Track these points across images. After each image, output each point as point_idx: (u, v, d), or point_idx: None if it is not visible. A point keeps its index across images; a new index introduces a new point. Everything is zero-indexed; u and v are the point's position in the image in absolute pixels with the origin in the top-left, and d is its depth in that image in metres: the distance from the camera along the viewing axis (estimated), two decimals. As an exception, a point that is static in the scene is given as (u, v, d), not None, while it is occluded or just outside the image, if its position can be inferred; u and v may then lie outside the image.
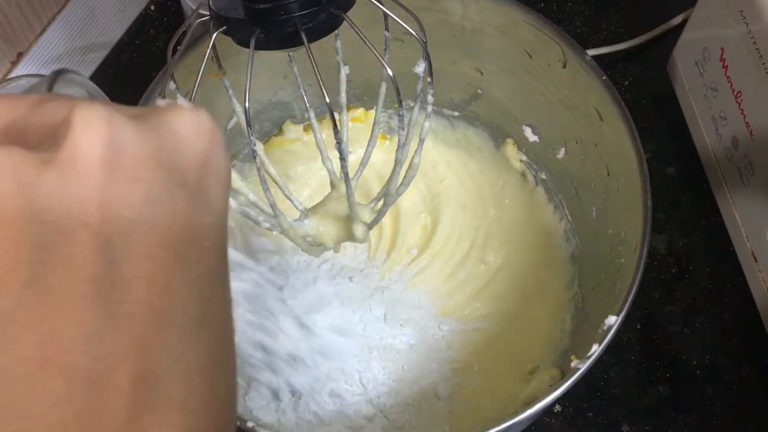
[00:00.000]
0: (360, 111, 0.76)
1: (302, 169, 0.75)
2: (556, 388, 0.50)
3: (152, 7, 0.88)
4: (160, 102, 0.47)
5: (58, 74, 0.43)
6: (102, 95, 0.46)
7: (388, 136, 0.77)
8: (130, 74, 0.83)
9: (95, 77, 0.83)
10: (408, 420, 0.63)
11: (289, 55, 0.60)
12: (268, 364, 0.64)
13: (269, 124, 0.76)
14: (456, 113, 0.76)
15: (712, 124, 0.72)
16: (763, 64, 0.61)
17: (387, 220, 0.73)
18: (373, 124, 0.60)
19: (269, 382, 0.63)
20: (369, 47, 0.48)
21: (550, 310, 0.69)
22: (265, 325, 0.65)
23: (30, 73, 0.78)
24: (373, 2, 0.50)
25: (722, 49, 0.68)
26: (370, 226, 0.59)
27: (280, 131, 0.76)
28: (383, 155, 0.75)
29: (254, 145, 0.50)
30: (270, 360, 0.64)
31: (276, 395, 0.63)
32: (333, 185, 0.58)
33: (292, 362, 0.62)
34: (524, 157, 0.74)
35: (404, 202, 0.73)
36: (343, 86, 0.60)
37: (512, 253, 0.71)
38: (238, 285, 0.67)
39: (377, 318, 0.66)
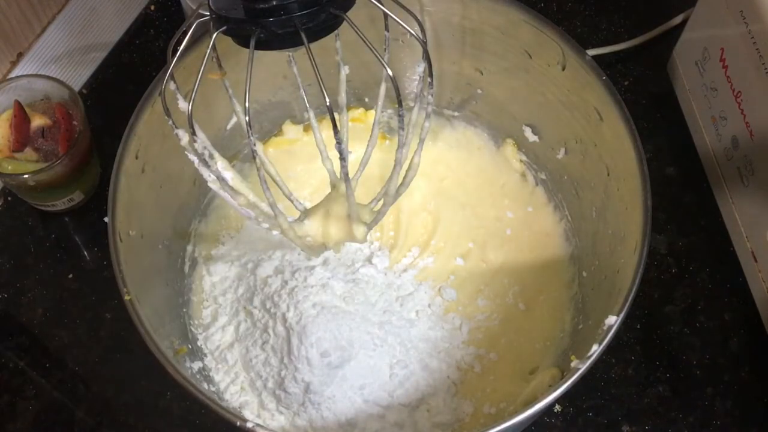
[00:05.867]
0: (360, 111, 0.76)
1: (302, 169, 0.75)
2: (556, 388, 0.50)
3: (152, 7, 0.88)
4: None
5: None
6: None
7: (388, 136, 0.78)
8: (130, 74, 0.84)
9: (95, 77, 0.83)
10: (408, 420, 0.63)
11: (289, 55, 0.60)
12: (278, 367, 0.64)
13: (269, 124, 0.76)
14: (456, 113, 0.76)
15: (712, 124, 0.72)
16: (763, 64, 0.61)
17: (388, 219, 0.73)
18: (373, 124, 0.60)
19: (277, 383, 0.63)
20: (369, 47, 0.48)
21: (550, 310, 0.69)
22: (269, 324, 0.65)
23: (30, 73, 0.78)
24: (373, 2, 0.50)
25: (722, 49, 0.68)
26: (370, 227, 0.59)
27: (280, 131, 0.76)
28: (383, 155, 0.75)
29: (254, 145, 0.50)
30: (279, 363, 0.64)
31: (281, 397, 0.63)
32: (333, 185, 0.58)
33: (297, 365, 0.62)
34: (524, 157, 0.74)
35: (405, 202, 0.73)
36: (343, 86, 0.60)
37: (512, 253, 0.71)
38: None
39: (379, 318, 0.66)
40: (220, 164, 0.56)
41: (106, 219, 0.57)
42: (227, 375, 0.65)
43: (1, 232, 0.76)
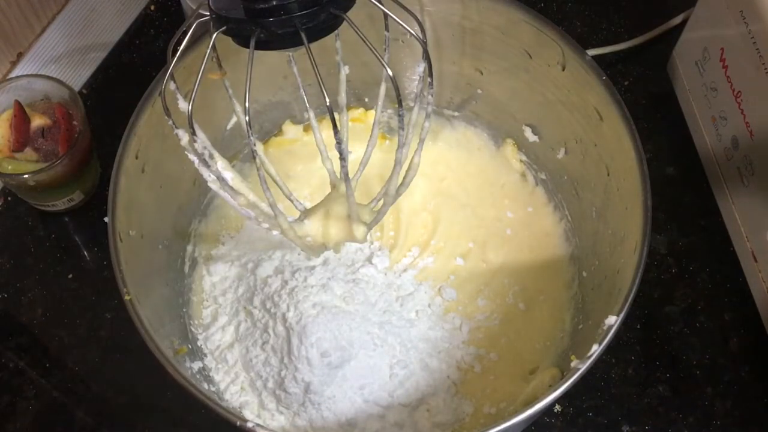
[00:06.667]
0: (360, 111, 0.76)
1: (302, 168, 0.75)
2: (556, 388, 0.50)
3: (152, 7, 0.88)
4: None
5: None
6: None
7: (388, 136, 0.78)
8: (130, 74, 0.83)
9: (95, 77, 0.83)
10: (408, 420, 0.63)
11: (289, 55, 0.60)
12: (278, 367, 0.64)
13: (269, 124, 0.76)
14: (456, 113, 0.76)
15: (712, 124, 0.72)
16: (763, 64, 0.61)
17: (388, 219, 0.73)
18: (373, 124, 0.60)
19: (277, 383, 0.63)
20: (369, 47, 0.48)
21: (550, 310, 0.69)
22: (269, 324, 0.65)
23: (30, 73, 0.78)
24: (373, 2, 0.50)
25: (722, 49, 0.68)
26: (369, 227, 0.59)
27: (280, 131, 0.76)
28: (383, 155, 0.75)
29: (254, 145, 0.50)
30: (279, 363, 0.64)
31: (281, 397, 0.63)
32: (333, 185, 0.58)
33: (297, 365, 0.62)
34: (524, 157, 0.74)
35: (405, 202, 0.73)
36: (343, 86, 0.60)
37: (512, 253, 0.71)
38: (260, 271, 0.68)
39: (379, 318, 0.66)
40: (220, 164, 0.56)
41: (106, 219, 0.57)
42: (227, 375, 0.65)
43: (1, 232, 0.76)
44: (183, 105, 0.53)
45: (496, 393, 0.65)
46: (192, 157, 0.53)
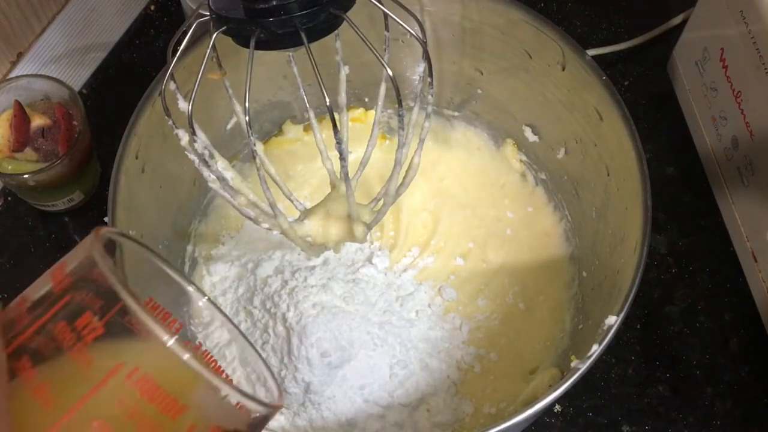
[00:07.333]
0: (360, 111, 0.76)
1: (302, 168, 0.75)
2: (556, 388, 0.50)
3: (152, 7, 0.88)
4: None
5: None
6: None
7: (388, 136, 0.78)
8: (130, 74, 0.83)
9: (95, 77, 0.83)
10: (408, 420, 0.63)
11: (289, 55, 0.60)
12: (278, 367, 0.64)
13: (269, 124, 0.76)
14: (456, 113, 0.76)
15: (712, 124, 0.72)
16: (763, 64, 0.61)
17: (388, 219, 0.73)
18: (373, 124, 0.60)
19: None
20: (369, 47, 0.48)
21: (550, 310, 0.69)
22: (269, 324, 0.65)
23: (30, 73, 0.78)
24: (373, 2, 0.50)
25: (722, 49, 0.68)
26: (369, 227, 0.59)
27: (280, 131, 0.76)
28: (383, 155, 0.75)
29: (254, 145, 0.50)
30: (279, 363, 0.64)
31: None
32: (333, 185, 0.58)
33: (297, 365, 0.62)
34: (524, 157, 0.74)
35: (405, 202, 0.73)
36: (343, 86, 0.60)
37: (512, 253, 0.71)
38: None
39: (379, 318, 0.66)
40: (220, 164, 0.56)
41: (106, 219, 0.57)
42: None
43: (1, 232, 0.76)
44: (183, 105, 0.53)
45: (496, 393, 0.65)
46: (192, 157, 0.54)
